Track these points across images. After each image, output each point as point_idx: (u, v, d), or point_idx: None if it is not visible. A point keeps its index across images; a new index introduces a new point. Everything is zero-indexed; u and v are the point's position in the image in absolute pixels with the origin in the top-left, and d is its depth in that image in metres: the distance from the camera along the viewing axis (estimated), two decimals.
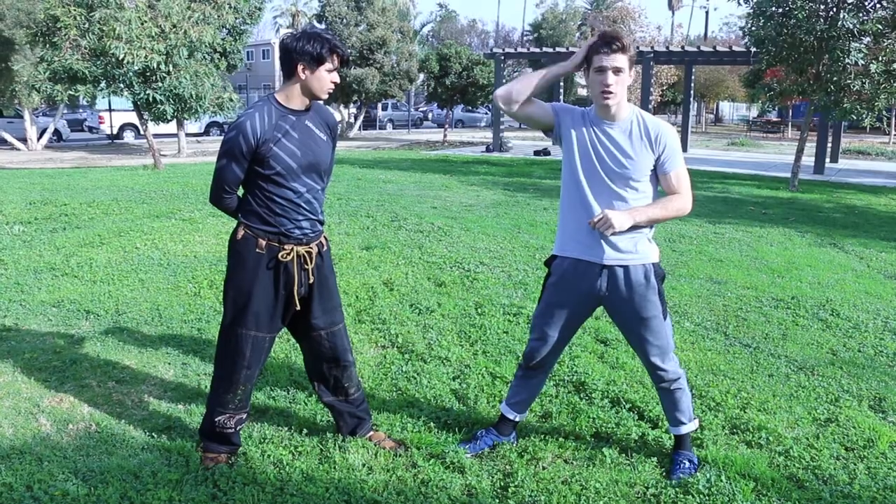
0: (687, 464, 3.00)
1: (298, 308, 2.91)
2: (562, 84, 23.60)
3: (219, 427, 2.96)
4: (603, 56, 2.64)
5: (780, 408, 3.62)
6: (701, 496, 2.80)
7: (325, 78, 2.73)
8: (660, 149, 2.74)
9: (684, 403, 3.02)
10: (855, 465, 3.08)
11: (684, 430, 3.06)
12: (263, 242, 2.81)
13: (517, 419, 3.19)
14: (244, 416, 3.03)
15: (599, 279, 2.82)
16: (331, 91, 2.79)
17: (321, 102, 2.92)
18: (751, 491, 2.84)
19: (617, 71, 2.64)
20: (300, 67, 2.70)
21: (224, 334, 2.91)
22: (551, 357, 3.04)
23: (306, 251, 2.88)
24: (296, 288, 2.86)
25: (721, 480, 2.89)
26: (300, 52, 2.68)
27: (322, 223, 2.97)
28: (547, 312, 2.94)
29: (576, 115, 2.83)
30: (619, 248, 2.78)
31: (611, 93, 2.66)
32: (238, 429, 3.02)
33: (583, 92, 44.00)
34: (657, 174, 2.79)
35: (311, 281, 2.91)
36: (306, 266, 2.88)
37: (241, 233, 2.84)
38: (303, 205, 2.83)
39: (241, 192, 2.89)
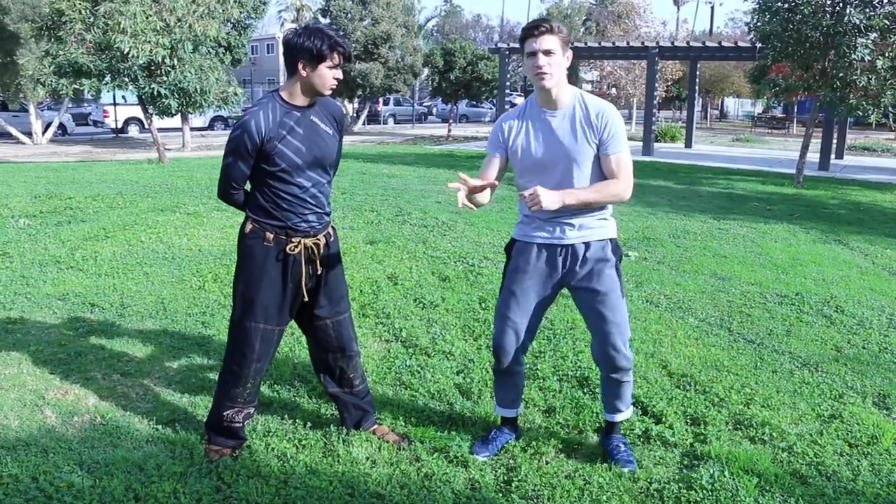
0: (622, 447, 3.03)
1: (307, 299, 2.92)
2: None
3: (226, 421, 2.97)
4: (531, 40, 2.67)
5: (784, 404, 3.62)
6: (704, 491, 2.80)
7: (327, 75, 2.72)
8: (601, 131, 2.73)
9: (628, 393, 3.04)
10: (859, 461, 3.08)
11: (620, 417, 3.07)
12: (271, 236, 2.82)
13: (517, 414, 3.19)
14: (252, 410, 3.04)
15: (560, 258, 2.84)
16: (333, 87, 2.78)
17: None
18: (754, 487, 2.84)
19: (547, 53, 2.66)
20: (301, 65, 2.68)
21: (234, 328, 2.92)
22: (520, 349, 2.97)
23: (314, 243, 2.89)
24: (304, 280, 2.87)
25: (724, 476, 2.89)
26: (300, 49, 2.66)
27: (328, 214, 2.98)
28: (510, 298, 2.90)
29: (512, 125, 2.85)
30: (579, 226, 2.80)
31: (544, 73, 2.67)
32: (245, 423, 3.03)
33: (586, 88, 43.86)
34: (599, 156, 2.77)
35: (319, 272, 2.93)
36: (314, 257, 2.89)
37: (248, 227, 2.85)
38: (308, 199, 2.83)
39: (248, 186, 2.90)
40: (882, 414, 3.55)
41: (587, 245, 2.82)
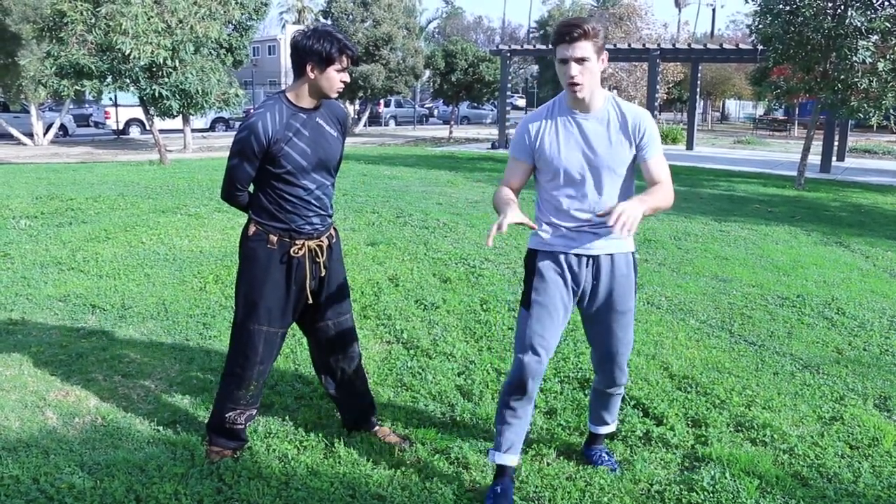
0: (606, 456, 3.02)
1: (311, 302, 2.92)
2: None
3: (228, 423, 2.97)
4: (564, 47, 2.46)
5: (785, 406, 3.62)
6: (705, 493, 2.80)
7: (335, 78, 2.71)
8: (639, 137, 2.60)
9: (617, 406, 3.01)
10: (860, 463, 3.08)
11: (605, 430, 3.03)
12: (275, 238, 2.81)
13: (519, 462, 2.84)
14: (254, 411, 3.04)
15: (586, 270, 2.66)
16: (340, 90, 2.78)
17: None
18: (755, 488, 2.84)
19: (580, 60, 2.45)
20: (309, 67, 2.68)
21: (237, 331, 2.92)
22: (543, 372, 2.67)
23: (317, 245, 2.88)
24: (308, 282, 2.87)
25: (725, 478, 2.89)
26: (309, 51, 2.65)
27: (331, 216, 2.97)
28: (542, 314, 2.63)
29: (540, 126, 2.64)
30: (606, 235, 2.64)
31: (577, 84, 2.48)
32: (247, 424, 3.03)
33: None
34: (637, 162, 2.65)
35: (323, 274, 2.92)
36: (317, 259, 2.89)
37: (252, 229, 2.84)
38: (313, 201, 2.83)
39: (251, 188, 2.89)
40: (883, 416, 3.55)
41: (612, 258, 2.66)
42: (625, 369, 2.83)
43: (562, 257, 2.66)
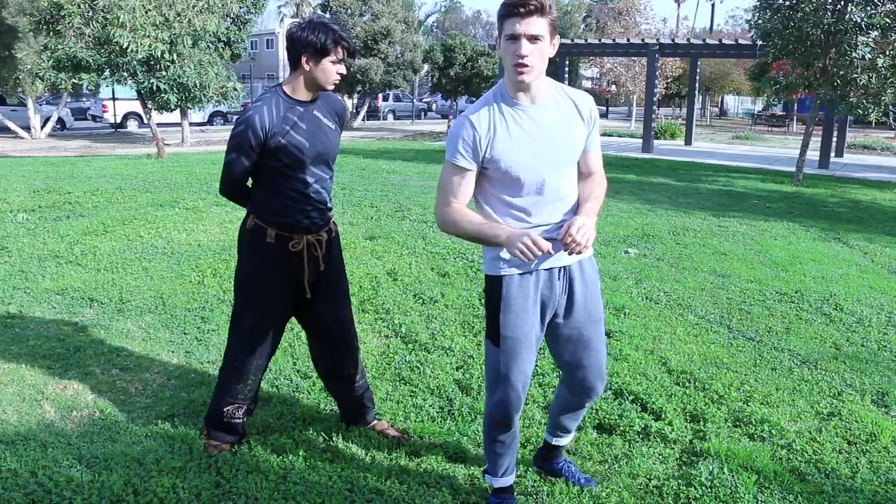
0: (573, 468, 2.86)
1: (309, 296, 2.92)
2: (566, 76, 23.49)
3: (227, 417, 2.97)
4: (516, 20, 2.11)
5: (783, 401, 3.62)
6: (703, 488, 2.80)
7: (330, 69, 2.70)
8: (591, 125, 2.37)
9: (583, 414, 2.80)
10: (857, 458, 3.08)
11: (568, 439, 2.84)
12: (273, 233, 2.80)
13: (514, 480, 2.74)
14: (252, 405, 3.04)
15: (559, 283, 2.38)
16: (337, 82, 2.76)
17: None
18: (753, 484, 2.84)
19: (533, 39, 2.12)
20: (304, 59, 2.67)
21: (235, 325, 2.91)
22: (524, 400, 2.50)
23: (316, 239, 2.87)
24: (306, 276, 2.86)
25: (724, 473, 2.89)
26: (304, 43, 2.64)
27: (330, 210, 2.96)
28: (517, 349, 2.35)
29: (489, 124, 2.25)
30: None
31: (525, 66, 2.14)
32: (245, 418, 3.03)
33: (586, 84, 43.80)
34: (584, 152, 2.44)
35: (322, 268, 2.92)
36: (316, 253, 2.88)
37: (251, 223, 2.84)
38: (312, 195, 2.82)
39: (249, 182, 2.88)
40: (880, 411, 3.55)
41: (581, 264, 2.42)
42: (605, 377, 2.57)
43: (531, 278, 2.34)
